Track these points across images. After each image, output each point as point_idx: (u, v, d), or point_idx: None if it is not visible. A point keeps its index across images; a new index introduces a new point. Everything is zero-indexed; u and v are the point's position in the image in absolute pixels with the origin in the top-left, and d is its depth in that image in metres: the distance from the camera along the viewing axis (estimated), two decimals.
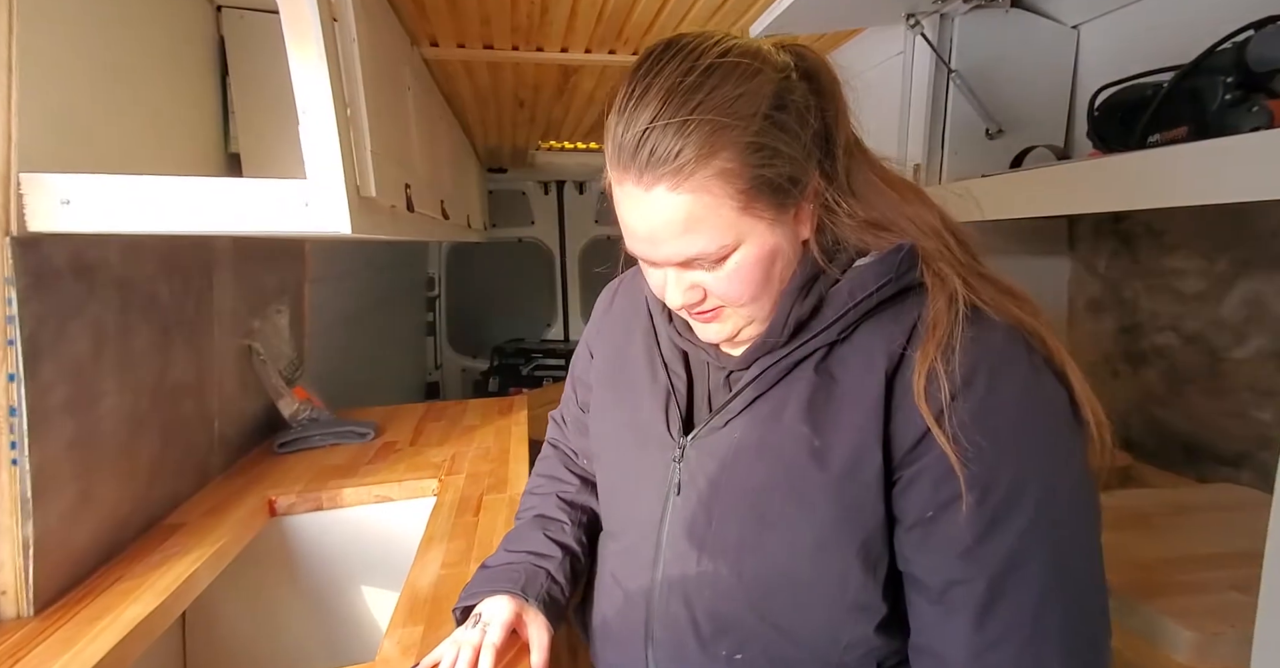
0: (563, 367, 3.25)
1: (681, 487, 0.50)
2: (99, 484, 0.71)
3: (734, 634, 0.47)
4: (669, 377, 0.53)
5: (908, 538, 0.43)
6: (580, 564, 0.64)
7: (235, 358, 1.07)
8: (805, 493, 0.44)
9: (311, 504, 0.99)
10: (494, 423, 1.40)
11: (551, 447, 0.75)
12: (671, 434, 0.51)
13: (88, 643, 0.59)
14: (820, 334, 0.46)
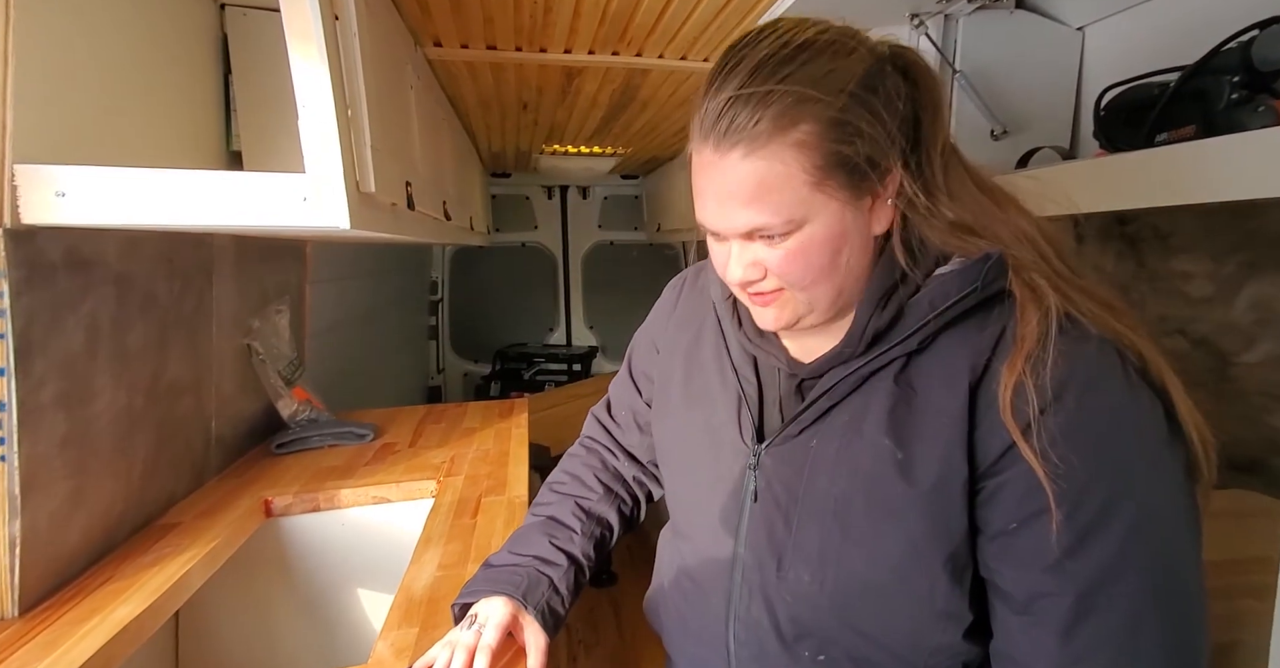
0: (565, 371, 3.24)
1: (759, 494, 0.50)
2: (91, 483, 0.70)
3: (816, 637, 0.47)
4: (739, 382, 0.53)
5: (990, 548, 0.43)
6: (584, 577, 0.63)
7: (234, 358, 1.07)
8: (890, 506, 0.44)
9: (308, 505, 0.98)
10: (494, 426, 1.39)
11: (585, 447, 0.74)
12: (745, 440, 0.51)
13: (74, 644, 0.58)
14: (898, 345, 0.45)
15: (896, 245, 0.46)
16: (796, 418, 0.48)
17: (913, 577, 0.43)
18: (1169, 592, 0.39)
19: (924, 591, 0.43)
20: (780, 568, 0.48)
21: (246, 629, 0.94)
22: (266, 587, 0.96)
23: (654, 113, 1.62)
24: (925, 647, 0.44)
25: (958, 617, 0.44)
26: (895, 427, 0.44)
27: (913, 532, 0.43)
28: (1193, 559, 0.40)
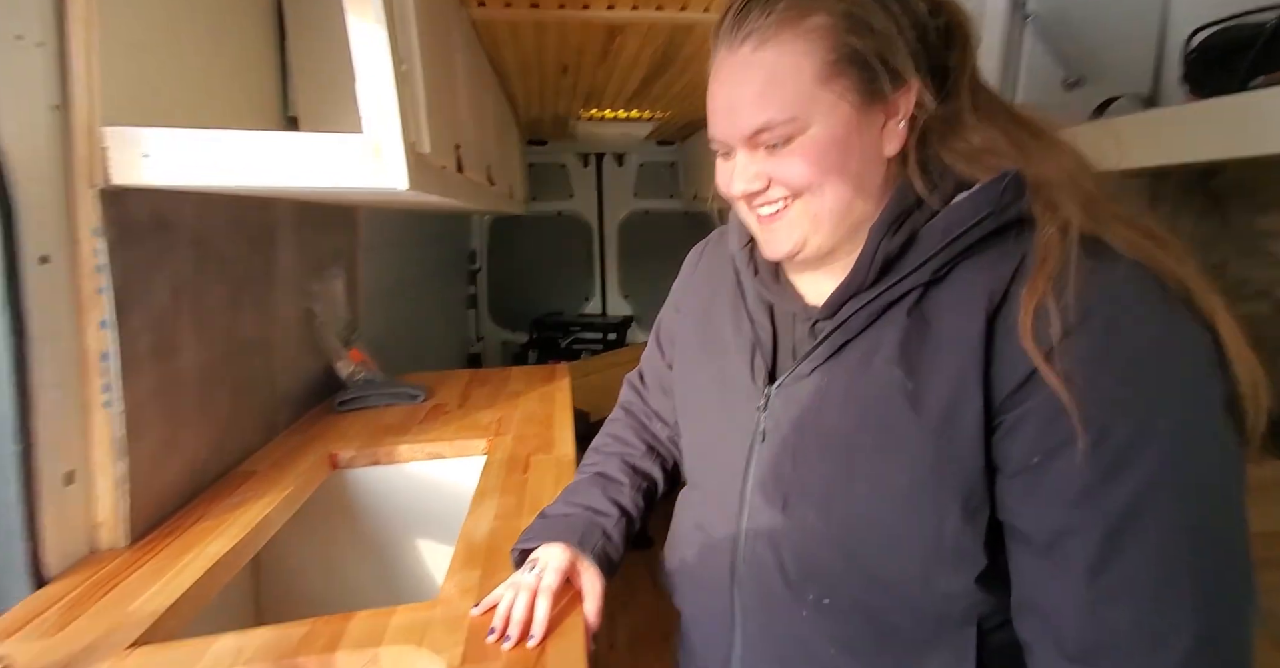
0: (600, 340, 3.27)
1: (766, 434, 0.49)
2: (181, 431, 0.75)
3: (822, 580, 0.46)
4: (754, 329, 0.53)
5: (1010, 487, 0.40)
6: (634, 528, 0.65)
7: (296, 320, 1.12)
8: (898, 438, 0.42)
9: (369, 459, 1.03)
10: (538, 389, 1.42)
11: (624, 410, 0.76)
12: (756, 383, 0.51)
13: (177, 573, 0.64)
14: (911, 275, 0.43)
15: (912, 168, 0.44)
16: (808, 356, 0.47)
17: (921, 513, 0.42)
18: (1204, 531, 0.37)
19: (932, 528, 0.41)
20: (786, 507, 0.47)
21: (317, 571, 1.01)
22: (334, 533, 1.03)
23: (695, 72, 1.57)
24: (935, 592, 0.43)
25: (970, 559, 0.42)
26: (907, 358, 0.42)
27: (921, 466, 0.41)
28: (1232, 500, 0.37)
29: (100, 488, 0.65)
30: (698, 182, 2.80)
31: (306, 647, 0.53)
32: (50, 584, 0.60)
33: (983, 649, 0.43)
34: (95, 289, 0.60)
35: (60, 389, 0.60)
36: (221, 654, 0.52)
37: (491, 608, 0.58)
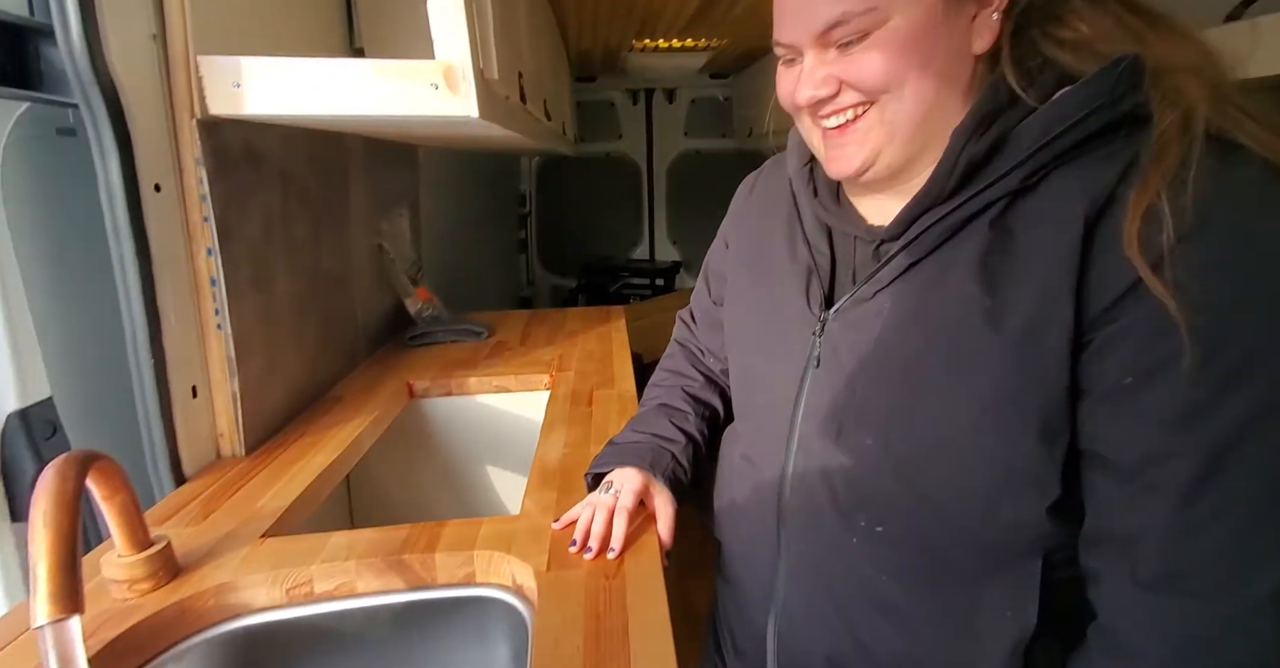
0: (648, 286, 3.27)
1: (821, 360, 0.48)
2: (279, 355, 0.81)
3: (876, 507, 0.45)
4: (811, 253, 0.51)
5: (1098, 410, 0.38)
6: (700, 454, 0.66)
7: (369, 256, 1.16)
8: (970, 360, 0.40)
9: (442, 390, 1.09)
10: (594, 329, 1.45)
11: (679, 345, 0.76)
12: (812, 309, 0.49)
13: (289, 480, 0.71)
14: (998, 183, 0.39)
15: (1006, 61, 0.39)
16: (872, 278, 0.45)
17: (991, 438, 0.39)
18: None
19: (1003, 454, 0.39)
20: (840, 434, 0.45)
21: (399, 491, 1.10)
22: (412, 457, 1.11)
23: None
24: (999, 522, 0.41)
25: (1042, 487, 0.39)
26: (986, 273, 0.39)
27: (995, 386, 0.39)
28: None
29: (219, 403, 0.71)
30: (752, 117, 2.66)
31: (409, 547, 0.59)
32: (187, 483, 0.68)
33: (1046, 585, 0.41)
34: (201, 218, 0.64)
35: (179, 312, 0.65)
36: (338, 548, 0.58)
37: (571, 524, 0.62)
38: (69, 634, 0.34)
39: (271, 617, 0.55)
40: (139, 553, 0.49)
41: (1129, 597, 0.38)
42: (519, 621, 0.56)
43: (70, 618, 0.34)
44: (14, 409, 0.52)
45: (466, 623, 0.58)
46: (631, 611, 0.51)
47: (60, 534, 0.36)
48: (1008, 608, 0.42)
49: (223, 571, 0.55)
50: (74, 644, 0.34)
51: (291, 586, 0.56)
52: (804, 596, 0.50)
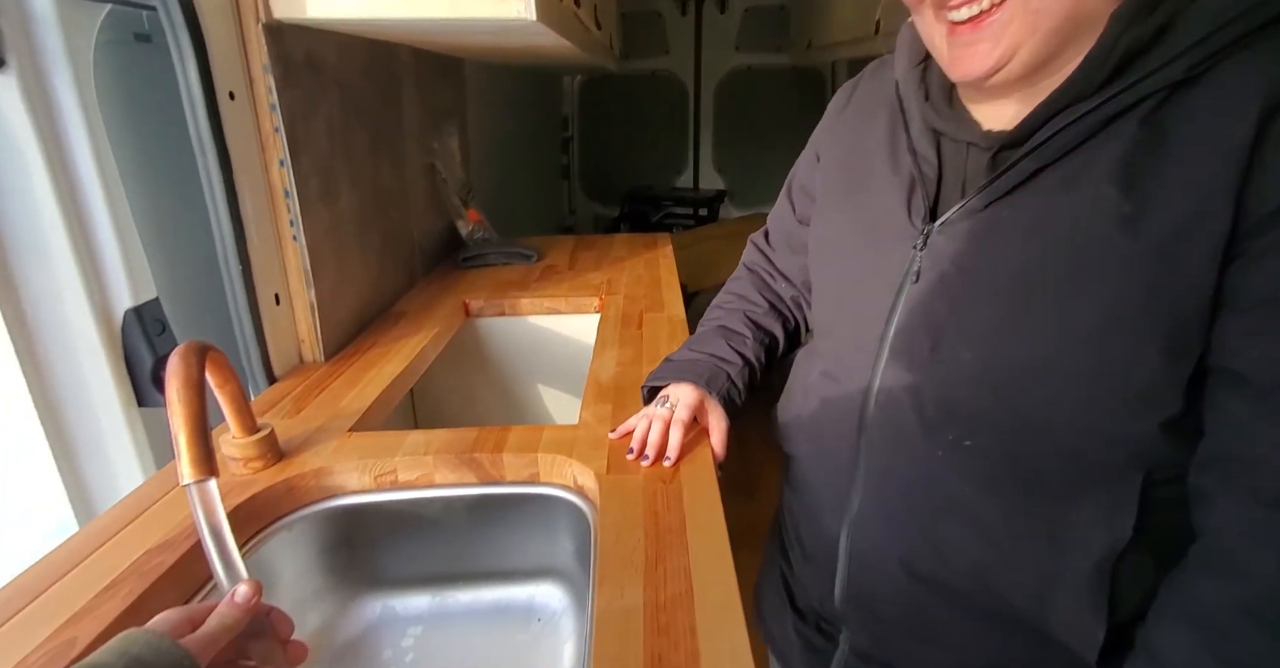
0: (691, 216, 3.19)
1: (920, 275, 0.45)
2: (347, 268, 0.85)
3: (968, 422, 0.44)
4: (916, 162, 0.47)
5: (1240, 324, 0.35)
6: (755, 379, 0.67)
7: (422, 175, 1.17)
8: (1096, 270, 0.38)
9: (496, 310, 1.13)
10: (641, 255, 1.44)
11: (746, 269, 0.75)
12: (914, 222, 0.46)
13: (365, 385, 0.76)
14: (1158, 73, 0.35)
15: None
16: (986, 187, 0.42)
17: (1110, 353, 0.37)
18: None
19: (1120, 370, 0.37)
20: (934, 349, 0.44)
21: (458, 403, 1.17)
22: (470, 372, 1.17)
23: None
24: (1104, 437, 0.39)
25: (1160, 403, 0.37)
26: (1128, 175, 0.36)
27: (1124, 297, 0.36)
28: None
29: (299, 311, 0.76)
30: (813, 26, 2.42)
31: (479, 446, 0.64)
32: (277, 383, 0.74)
33: (1142, 501, 0.40)
34: (272, 128, 0.65)
35: (259, 224, 0.68)
36: (416, 444, 0.64)
37: (627, 434, 0.65)
38: (210, 493, 0.39)
39: (362, 500, 0.61)
40: (250, 436, 0.55)
41: (1249, 515, 0.36)
42: (581, 517, 0.61)
43: (210, 480, 0.39)
44: (129, 306, 0.57)
45: (533, 517, 0.64)
46: (688, 510, 0.54)
47: (191, 410, 0.40)
48: (1099, 522, 0.41)
49: (319, 457, 0.61)
50: (215, 501, 0.39)
51: (379, 474, 0.61)
52: (881, 505, 0.50)
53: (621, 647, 0.41)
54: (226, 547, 0.38)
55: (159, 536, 0.48)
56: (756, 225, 0.77)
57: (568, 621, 0.64)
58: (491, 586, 0.66)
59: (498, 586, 0.66)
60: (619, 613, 0.43)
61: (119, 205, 0.56)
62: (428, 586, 0.66)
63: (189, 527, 0.49)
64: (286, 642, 0.39)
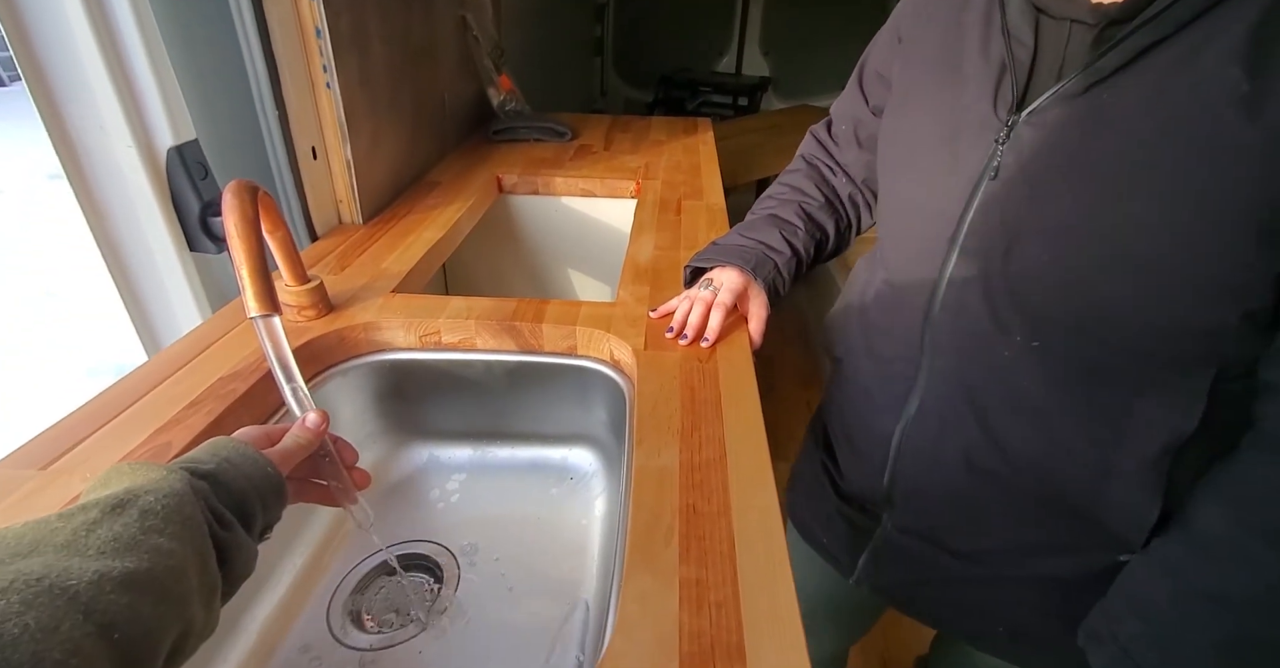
0: (730, 105, 2.96)
1: (1000, 171, 0.43)
2: (382, 126, 0.81)
3: (1038, 323, 0.43)
4: (1008, 45, 0.43)
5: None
6: (802, 271, 0.66)
7: (454, 31, 1.07)
8: (1206, 155, 0.35)
9: (529, 188, 1.09)
10: (680, 140, 1.36)
11: (804, 161, 0.70)
12: (998, 113, 0.43)
13: (404, 249, 0.76)
14: None
15: None
16: (1091, 66, 0.38)
17: (1204, 243, 0.35)
18: None
19: (1212, 261, 0.35)
20: (1008, 251, 0.42)
21: (489, 281, 1.18)
22: (501, 249, 1.16)
23: None
24: (1178, 331, 0.38)
25: (1245, 294, 0.36)
26: (1256, 48, 0.33)
27: (1228, 189, 0.34)
28: None
29: (335, 167, 0.74)
30: None
31: (520, 315, 0.65)
32: (319, 241, 0.74)
33: (1210, 397, 0.39)
34: None
35: (292, 66, 0.63)
36: (458, 309, 0.65)
37: (668, 314, 0.65)
38: (276, 328, 0.40)
39: (409, 356, 0.64)
40: (302, 285, 0.56)
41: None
42: (616, 390, 0.63)
43: (274, 316, 0.40)
44: (171, 145, 0.55)
45: (569, 386, 0.66)
46: (724, 387, 0.56)
47: (251, 245, 0.40)
48: (1166, 417, 0.41)
49: (366, 312, 0.62)
50: (281, 335, 0.40)
51: (423, 333, 0.63)
52: (942, 405, 0.49)
53: (658, 498, 0.44)
54: (295, 378, 0.40)
55: (228, 366, 0.51)
56: (799, 118, 0.72)
57: (598, 481, 0.69)
58: (528, 445, 0.71)
59: (533, 446, 0.71)
60: (655, 470, 0.46)
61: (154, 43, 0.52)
62: (469, 440, 0.71)
63: (256, 361, 0.52)
64: (352, 468, 0.42)
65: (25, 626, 0.20)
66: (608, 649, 0.34)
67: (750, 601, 0.36)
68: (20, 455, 0.42)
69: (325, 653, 0.50)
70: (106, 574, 0.24)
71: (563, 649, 0.52)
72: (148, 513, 0.27)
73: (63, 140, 0.54)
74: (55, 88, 0.52)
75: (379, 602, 0.55)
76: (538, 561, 0.59)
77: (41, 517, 0.26)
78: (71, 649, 0.21)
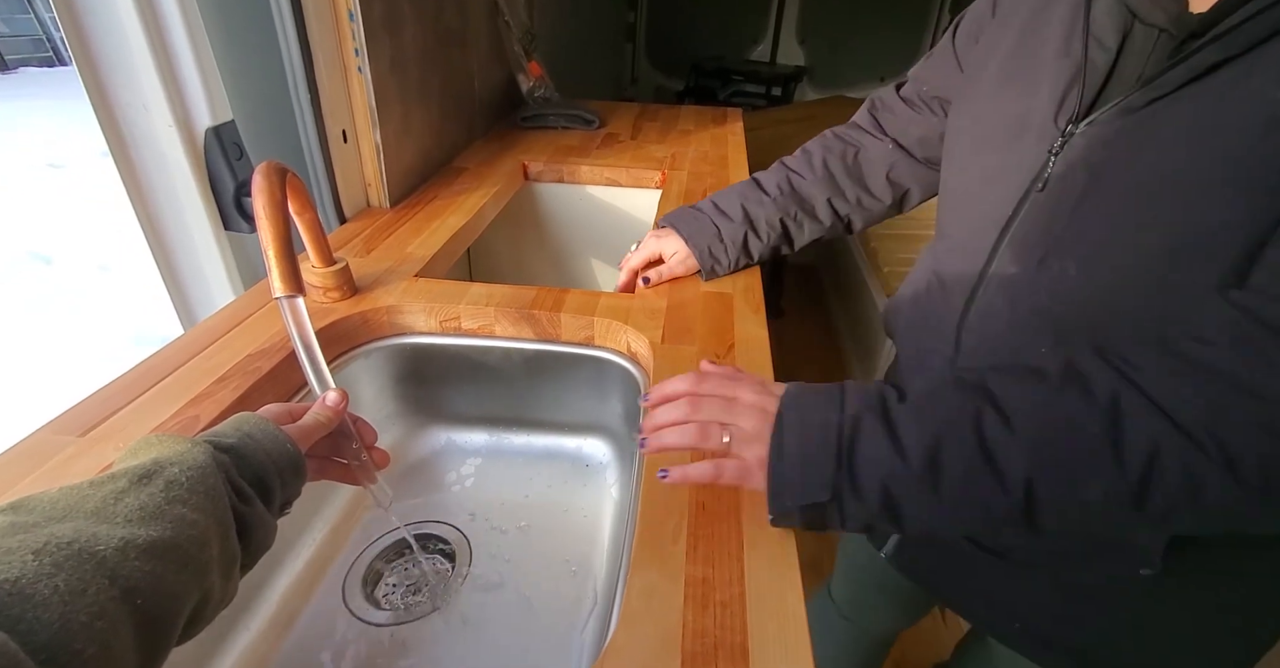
0: (763, 95, 2.90)
1: (1049, 182, 0.42)
2: (411, 111, 0.82)
3: (1060, 333, 0.43)
4: (1086, 50, 0.41)
5: None
6: (759, 243, 0.67)
7: (485, 15, 1.07)
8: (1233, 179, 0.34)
9: (555, 176, 1.09)
10: (709, 130, 1.34)
11: (835, 135, 0.69)
12: (1058, 122, 0.41)
13: (430, 234, 0.77)
14: None
15: None
16: (1155, 81, 0.36)
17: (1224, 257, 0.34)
18: None
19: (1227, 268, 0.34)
20: (1042, 262, 0.42)
21: (512, 267, 1.19)
22: (524, 236, 1.16)
23: None
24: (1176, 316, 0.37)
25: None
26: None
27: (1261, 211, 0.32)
28: None
29: (365, 151, 0.75)
30: None
31: (539, 304, 0.65)
32: (347, 223, 0.76)
33: None
34: None
35: (325, 50, 0.64)
36: (478, 295, 0.65)
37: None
38: (300, 309, 0.41)
39: (429, 340, 0.65)
40: (328, 267, 0.57)
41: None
42: (631, 382, 0.63)
43: (298, 297, 0.41)
44: (209, 125, 0.57)
45: (586, 376, 0.67)
46: None
47: (278, 227, 0.41)
48: None
49: (390, 296, 0.63)
50: (304, 316, 0.41)
51: (444, 319, 0.64)
52: None
53: (668, 493, 0.44)
54: (316, 357, 0.41)
55: (256, 344, 0.53)
56: (833, 109, 0.71)
57: (612, 472, 0.69)
58: (543, 433, 0.72)
59: (549, 434, 0.72)
60: (667, 459, 0.46)
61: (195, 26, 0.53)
62: (486, 425, 0.72)
63: (282, 339, 0.54)
64: (371, 447, 0.43)
65: (55, 587, 0.21)
66: (610, 642, 0.34)
67: (756, 602, 0.36)
68: (62, 422, 0.44)
69: (340, 628, 0.52)
70: (132, 541, 0.24)
71: (569, 636, 0.53)
72: (173, 484, 0.28)
73: (108, 119, 0.56)
74: (102, 68, 0.54)
75: (393, 580, 0.56)
76: (550, 547, 0.60)
77: (74, 483, 0.27)
78: (97, 612, 0.22)
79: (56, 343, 2.24)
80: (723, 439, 0.38)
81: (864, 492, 0.35)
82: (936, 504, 0.34)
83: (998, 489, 0.33)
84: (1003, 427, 0.33)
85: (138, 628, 0.23)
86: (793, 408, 0.38)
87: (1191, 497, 0.31)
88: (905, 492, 0.34)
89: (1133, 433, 0.32)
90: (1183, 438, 0.31)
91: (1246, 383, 0.31)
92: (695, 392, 0.40)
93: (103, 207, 3.25)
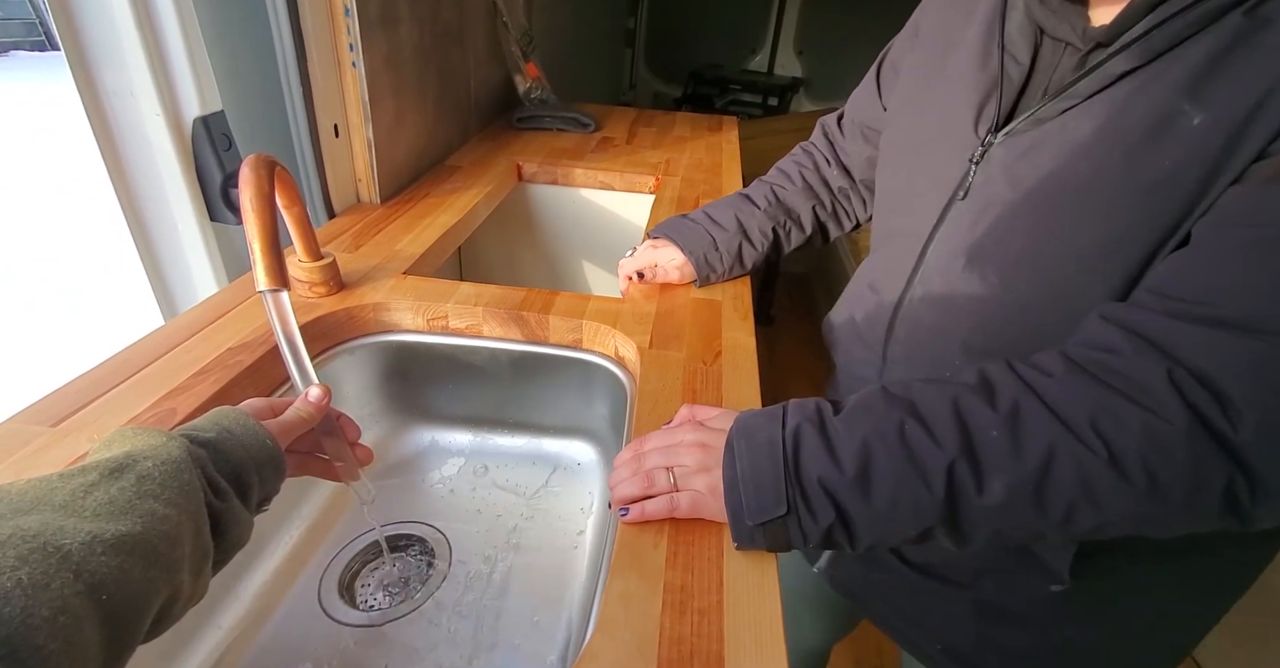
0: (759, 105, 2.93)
1: (970, 191, 0.43)
2: (405, 107, 0.81)
3: (982, 338, 0.44)
4: (1001, 62, 0.42)
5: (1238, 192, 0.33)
6: (753, 251, 0.68)
7: (483, 15, 1.07)
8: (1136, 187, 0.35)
9: (548, 177, 1.09)
10: (704, 138, 1.35)
11: (801, 149, 0.72)
12: (978, 131, 0.43)
13: (420, 231, 0.76)
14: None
15: None
16: (1065, 92, 0.37)
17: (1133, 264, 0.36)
18: None
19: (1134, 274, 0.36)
20: (963, 270, 0.43)
21: (502, 268, 1.18)
22: (516, 237, 1.16)
23: None
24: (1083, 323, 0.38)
25: None
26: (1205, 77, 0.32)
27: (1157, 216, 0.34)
28: None
29: (356, 146, 0.74)
30: None
31: (527, 306, 0.65)
32: (336, 218, 0.75)
33: None
34: None
35: (319, 43, 0.63)
36: (467, 294, 0.65)
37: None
38: (284, 303, 0.41)
39: (416, 338, 0.64)
40: (315, 262, 0.57)
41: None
42: (618, 386, 0.63)
43: (283, 291, 0.41)
44: (197, 115, 0.56)
45: (572, 379, 0.67)
46: (726, 392, 0.56)
47: (264, 220, 0.40)
48: None
49: (377, 292, 0.63)
50: (288, 311, 0.41)
51: (431, 317, 0.64)
52: None
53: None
54: (299, 352, 0.41)
55: (238, 337, 0.52)
56: None
57: (594, 475, 0.69)
58: (527, 435, 0.72)
59: (533, 436, 0.72)
60: None
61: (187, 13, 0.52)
62: (470, 425, 0.71)
63: (265, 333, 0.53)
64: (354, 444, 0.43)
65: (18, 580, 0.21)
66: (587, 647, 0.34)
67: (734, 611, 0.36)
68: (33, 412, 0.43)
69: (314, 627, 0.51)
70: (99, 536, 0.24)
71: (545, 638, 0.52)
72: (145, 478, 0.27)
73: (94, 105, 0.55)
74: (89, 53, 0.53)
75: (371, 580, 0.56)
76: (530, 550, 0.60)
77: (44, 475, 0.26)
78: (60, 607, 0.21)
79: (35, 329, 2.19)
80: (668, 479, 0.41)
81: (813, 502, 0.36)
82: (871, 511, 0.35)
83: (924, 492, 0.34)
84: (925, 435, 0.35)
85: (103, 624, 0.23)
86: (741, 435, 0.39)
87: (1086, 495, 0.32)
88: (848, 500, 0.35)
89: (1030, 438, 0.33)
90: (1073, 439, 0.32)
91: (1129, 388, 0.33)
92: (638, 450, 0.43)
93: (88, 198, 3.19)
